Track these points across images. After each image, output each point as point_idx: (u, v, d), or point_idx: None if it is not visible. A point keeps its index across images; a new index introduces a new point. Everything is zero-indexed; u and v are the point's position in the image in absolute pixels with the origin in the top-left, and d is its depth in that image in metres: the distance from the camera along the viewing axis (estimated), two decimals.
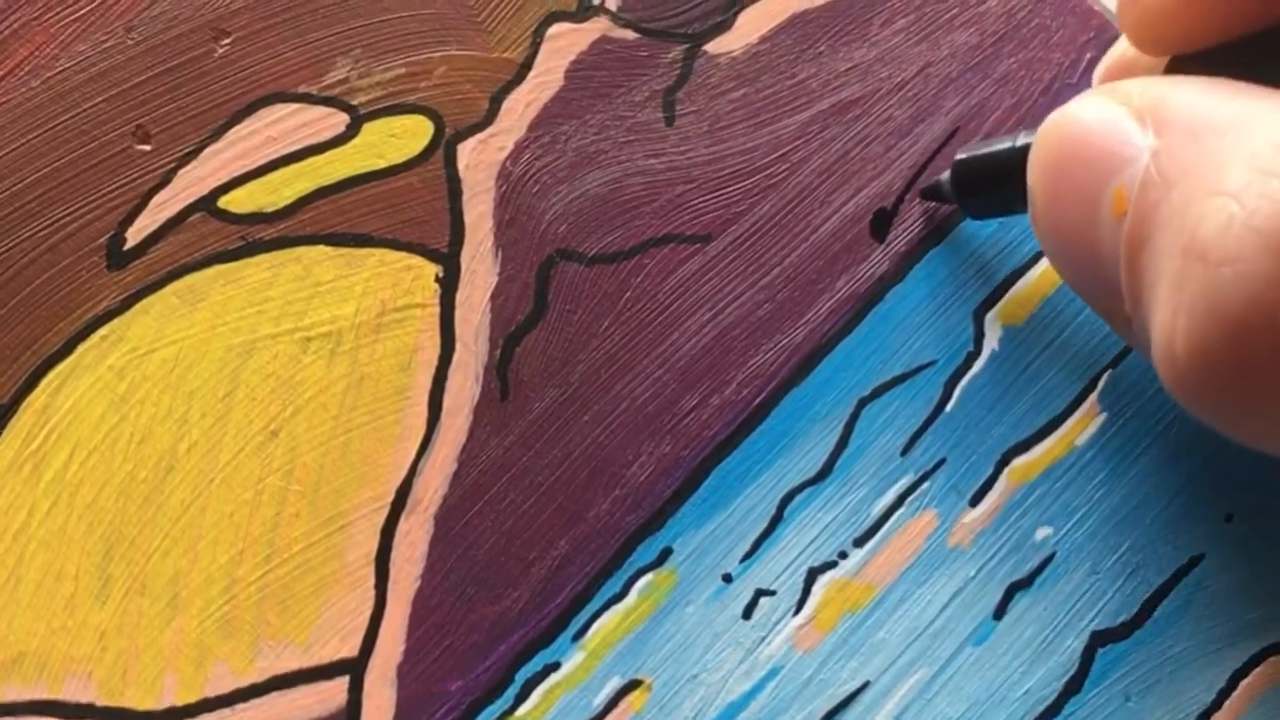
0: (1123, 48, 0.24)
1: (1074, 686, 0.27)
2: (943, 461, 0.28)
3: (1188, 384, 0.19)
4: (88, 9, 0.28)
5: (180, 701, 0.26)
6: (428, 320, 0.28)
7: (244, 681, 0.26)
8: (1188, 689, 0.27)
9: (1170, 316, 0.19)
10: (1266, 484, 0.28)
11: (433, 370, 0.28)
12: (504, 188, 0.28)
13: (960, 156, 0.27)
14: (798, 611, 0.27)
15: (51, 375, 0.26)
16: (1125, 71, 0.24)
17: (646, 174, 0.28)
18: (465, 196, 0.28)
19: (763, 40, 0.29)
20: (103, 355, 0.27)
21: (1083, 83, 0.29)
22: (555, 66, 0.29)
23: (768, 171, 0.29)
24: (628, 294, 0.28)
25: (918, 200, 0.28)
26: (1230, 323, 0.18)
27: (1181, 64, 0.22)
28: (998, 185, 0.26)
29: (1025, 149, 0.24)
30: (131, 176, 0.27)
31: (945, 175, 0.27)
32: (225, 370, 0.27)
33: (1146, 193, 0.20)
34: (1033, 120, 0.29)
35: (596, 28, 0.29)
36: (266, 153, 0.28)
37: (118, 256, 0.27)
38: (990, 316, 0.29)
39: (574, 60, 0.29)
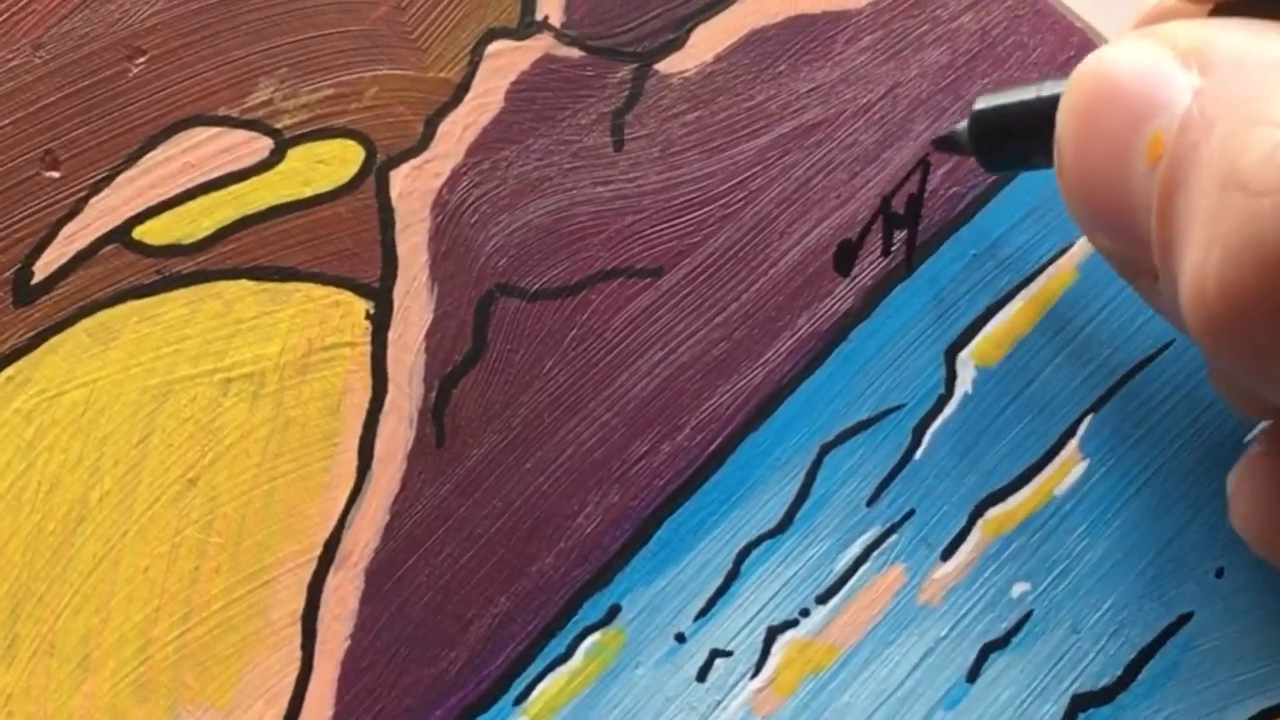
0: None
1: None
2: (912, 513, 0.30)
3: (1218, 323, 0.20)
4: None
5: None
6: (358, 360, 0.30)
7: None
8: None
9: (1203, 252, 0.20)
10: None
11: (363, 414, 0.30)
12: (440, 218, 0.30)
13: (980, 106, 0.28)
14: (756, 674, 0.29)
15: None
16: (1161, 20, 0.25)
17: (593, 203, 0.31)
18: (398, 227, 0.30)
19: (718, 59, 0.32)
20: (8, 398, 0.29)
21: None
22: (495, 87, 0.31)
23: (724, 200, 0.31)
24: (573, 332, 0.30)
25: (881, 233, 0.31)
26: (1269, 254, 0.19)
27: (1225, 10, 0.23)
28: (1020, 136, 0.28)
29: (1052, 99, 0.26)
30: (39, 206, 0.30)
31: (961, 125, 0.29)
32: (140, 414, 0.29)
33: (1186, 133, 0.21)
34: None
35: (539, 46, 0.31)
36: (184, 180, 0.30)
37: (24, 291, 0.29)
38: (963, 356, 0.31)
39: (515, 80, 0.31)
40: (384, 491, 0.30)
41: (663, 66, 0.31)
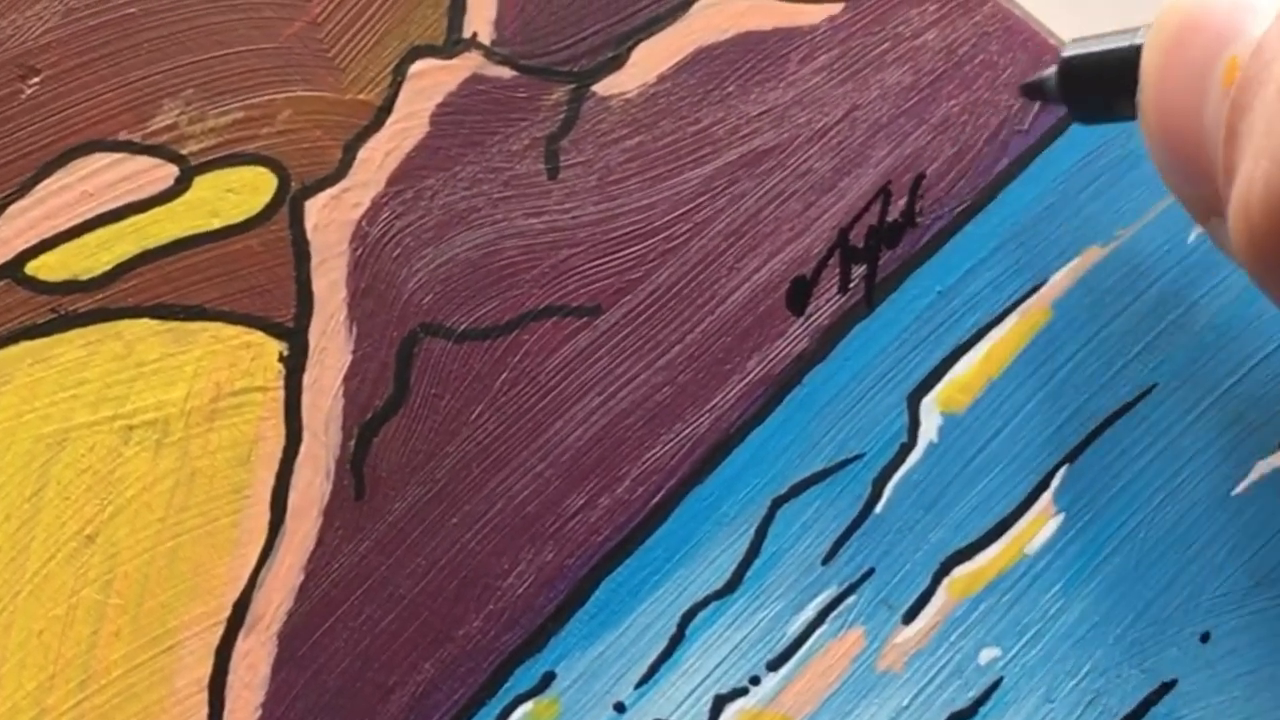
0: None
1: None
2: (871, 571, 0.34)
3: (1260, 239, 0.22)
4: None
5: None
6: (270, 406, 0.33)
7: None
8: None
9: (1253, 164, 0.22)
10: (1249, 596, 0.33)
11: (276, 464, 0.33)
12: (359, 251, 0.33)
13: (1068, 54, 0.32)
14: None
15: None
16: None
17: (525, 235, 0.33)
18: (314, 262, 0.33)
19: (661, 80, 0.35)
20: None
21: (1035, 129, 0.34)
22: (419, 110, 0.34)
23: (667, 233, 0.34)
24: (504, 375, 0.33)
25: (839, 268, 0.33)
26: None
27: None
28: (1109, 82, 0.31)
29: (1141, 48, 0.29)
30: None
31: (1050, 71, 0.33)
32: (33, 464, 0.32)
33: (1260, 54, 0.23)
34: (977, 173, 0.33)
35: (467, 65, 0.34)
36: (81, 210, 0.33)
37: None
38: (927, 402, 0.34)
39: (441, 103, 0.34)
40: (298, 549, 0.32)
41: (601, 88, 0.34)
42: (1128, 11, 0.31)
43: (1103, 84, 0.31)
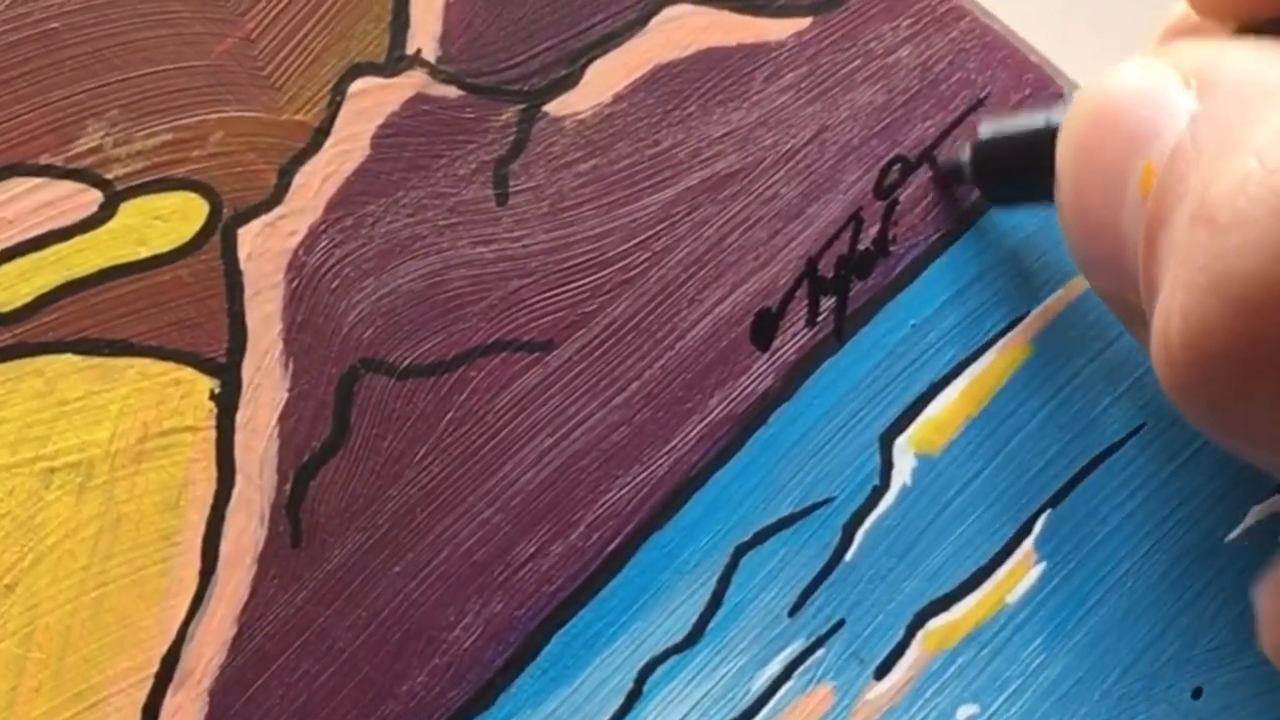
0: (1182, 9, 0.30)
1: None
2: (841, 623, 0.36)
3: (1181, 374, 0.23)
4: None
5: None
6: (201, 447, 0.35)
7: None
8: None
9: (1170, 295, 0.23)
10: (1242, 651, 0.35)
11: (207, 509, 0.35)
12: (296, 282, 0.36)
13: (984, 135, 0.35)
14: None
15: None
16: (1184, 36, 0.30)
17: (473, 265, 0.36)
18: (247, 294, 0.36)
19: (617, 99, 0.38)
20: None
21: None
22: (359, 132, 0.37)
23: (623, 263, 0.37)
24: (450, 414, 0.36)
25: (807, 300, 0.36)
26: (1234, 296, 0.22)
27: (1252, 31, 0.27)
28: (1025, 168, 0.34)
29: (1058, 128, 0.31)
30: None
31: (965, 153, 0.36)
32: None
33: (1175, 164, 0.24)
34: (954, 199, 0.36)
35: (411, 83, 0.37)
36: (0, 239, 0.35)
37: None
38: (900, 443, 0.37)
39: (383, 124, 0.37)
40: (231, 599, 0.35)
41: (553, 108, 0.37)
42: (1108, 28, 0.34)
43: (1019, 168, 0.35)
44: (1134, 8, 0.37)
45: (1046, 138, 0.31)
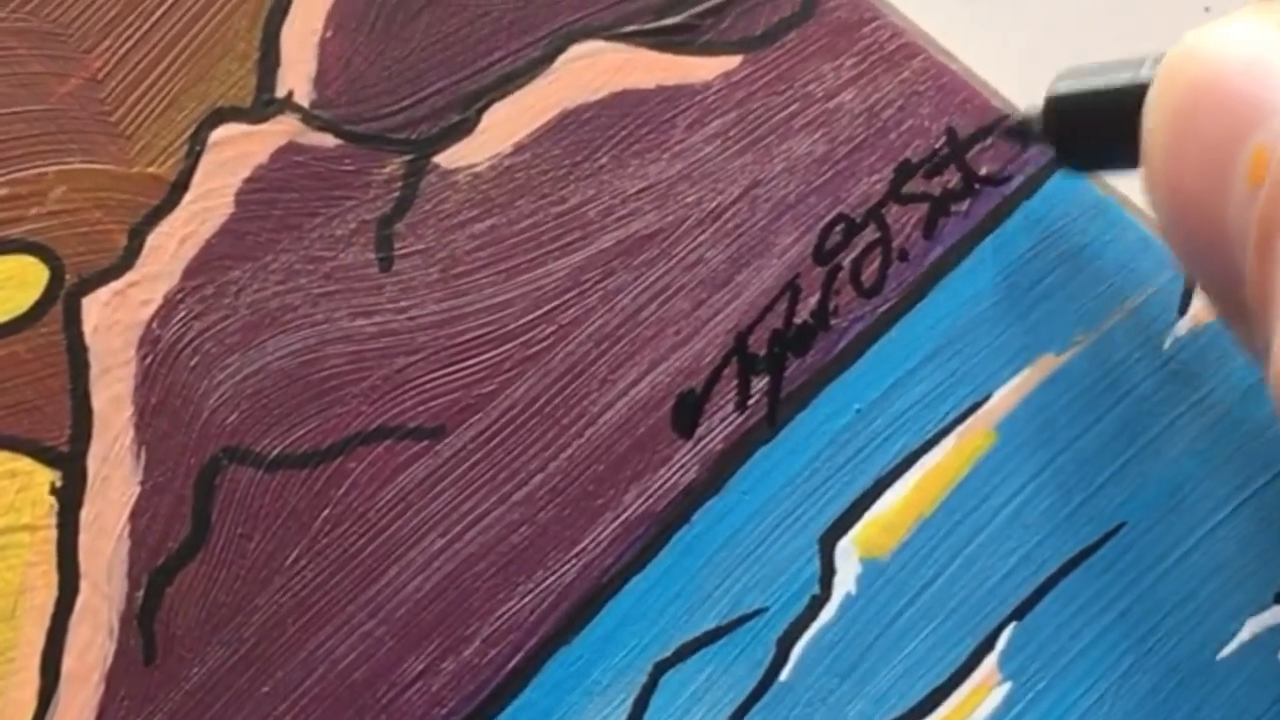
0: None
1: None
2: None
3: None
4: None
5: None
6: (40, 549, 0.41)
7: None
8: None
9: None
10: None
11: (47, 620, 0.40)
12: (149, 359, 0.41)
13: (1059, 90, 0.40)
14: None
15: None
16: None
17: (353, 340, 0.42)
18: (94, 372, 0.41)
19: (519, 149, 0.43)
20: None
21: (975, 211, 0.44)
22: (222, 187, 0.42)
23: (525, 338, 0.43)
24: (326, 512, 0.42)
25: (736, 381, 0.42)
26: None
27: None
28: (1106, 129, 0.38)
29: (1146, 86, 0.33)
30: None
31: (1035, 110, 0.40)
32: None
33: None
34: (904, 265, 0.43)
35: (281, 131, 0.42)
36: None
37: None
38: (843, 545, 0.43)
39: (248, 178, 0.42)
40: None
41: (445, 159, 0.43)
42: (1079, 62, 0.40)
43: (1097, 129, 0.39)
44: (1111, 44, 0.43)
45: (1133, 96, 0.34)
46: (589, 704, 0.42)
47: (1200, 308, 0.42)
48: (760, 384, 0.43)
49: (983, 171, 0.44)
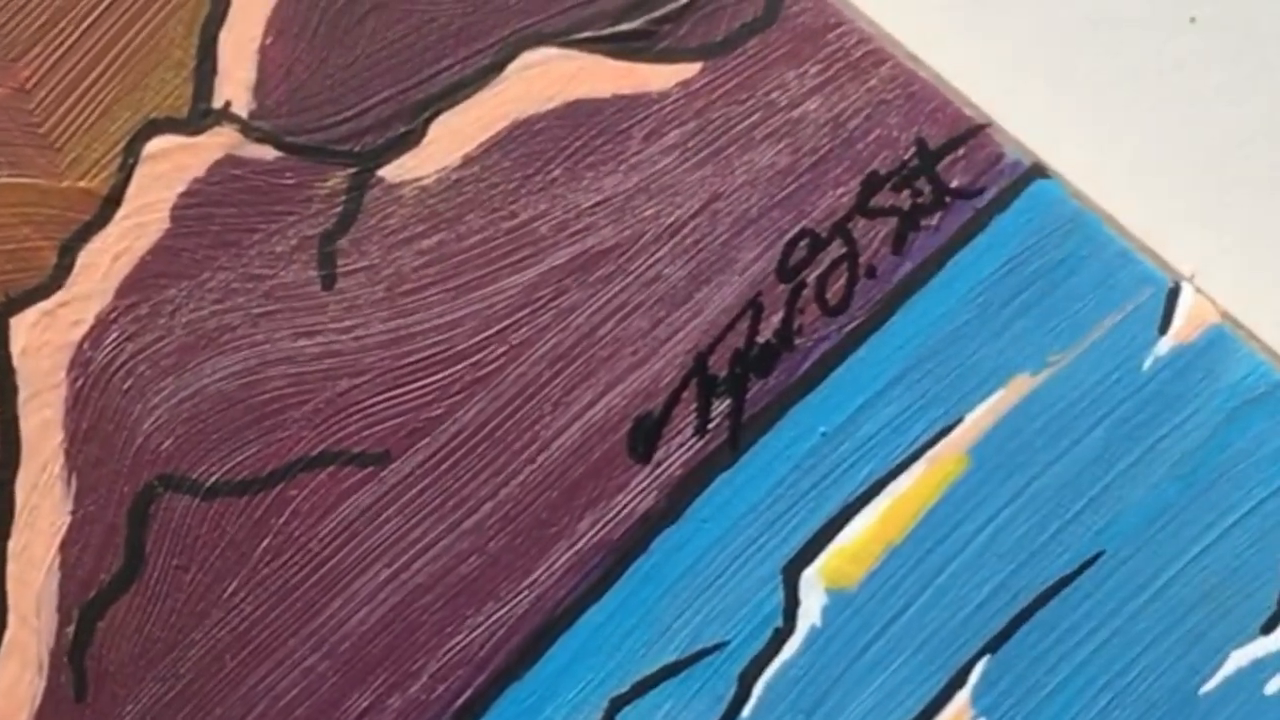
0: None
1: None
2: None
3: None
4: None
5: None
6: None
7: None
8: None
9: None
10: None
11: None
12: (80, 382, 0.41)
13: None
14: None
15: None
16: None
17: (294, 361, 0.42)
18: (22, 396, 0.41)
19: (468, 161, 0.42)
20: None
21: (946, 225, 0.42)
22: (157, 201, 0.41)
23: (475, 359, 0.42)
24: (266, 542, 0.41)
25: (696, 403, 0.42)
26: None
27: None
28: None
29: None
30: None
31: None
32: None
33: None
34: (872, 282, 0.41)
35: (218, 143, 0.42)
36: None
37: None
38: (808, 575, 0.42)
39: (184, 192, 0.41)
40: None
41: (390, 172, 0.42)
42: (1062, 77, 0.39)
43: None
44: (1093, 52, 0.41)
45: None
46: None
47: (1182, 326, 0.41)
48: (721, 406, 0.42)
49: (954, 184, 0.42)
